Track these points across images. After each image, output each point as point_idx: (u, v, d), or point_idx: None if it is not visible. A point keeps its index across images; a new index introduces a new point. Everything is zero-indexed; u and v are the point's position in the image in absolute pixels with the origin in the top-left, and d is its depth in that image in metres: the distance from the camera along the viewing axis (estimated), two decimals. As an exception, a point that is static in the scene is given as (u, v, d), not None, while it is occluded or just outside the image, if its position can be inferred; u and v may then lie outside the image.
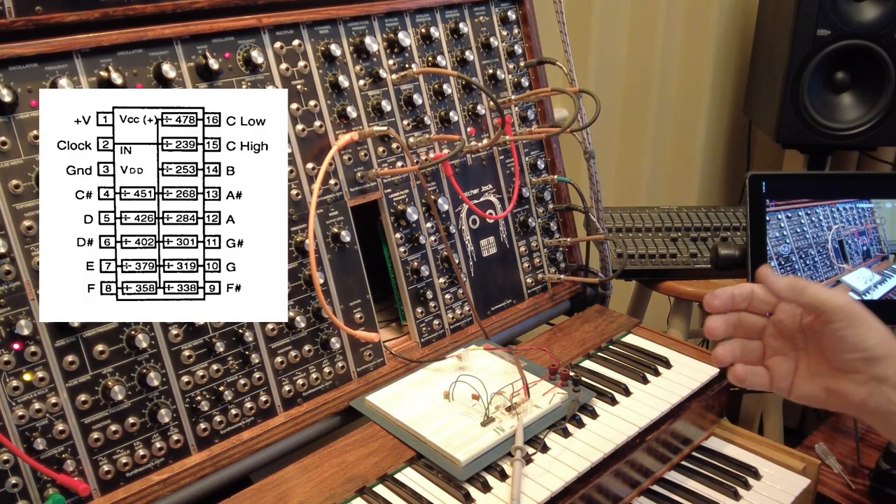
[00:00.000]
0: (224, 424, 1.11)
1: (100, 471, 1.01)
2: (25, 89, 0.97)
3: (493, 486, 1.05)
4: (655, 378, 1.31)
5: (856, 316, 0.85)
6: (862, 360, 0.84)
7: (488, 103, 1.45)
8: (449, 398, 1.20)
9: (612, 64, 2.39)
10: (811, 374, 0.90)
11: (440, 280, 1.38)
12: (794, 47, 2.12)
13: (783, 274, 1.58)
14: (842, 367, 0.87)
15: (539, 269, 1.55)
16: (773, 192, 1.57)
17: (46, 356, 0.97)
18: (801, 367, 0.91)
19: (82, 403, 0.99)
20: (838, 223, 1.60)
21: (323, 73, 1.23)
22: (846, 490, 1.57)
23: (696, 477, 1.27)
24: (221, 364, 1.11)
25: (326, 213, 1.23)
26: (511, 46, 1.50)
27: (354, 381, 1.26)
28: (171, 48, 1.09)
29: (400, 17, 1.34)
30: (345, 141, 1.22)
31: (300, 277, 1.19)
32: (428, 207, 1.36)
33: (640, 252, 1.92)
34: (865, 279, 1.60)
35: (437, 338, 1.38)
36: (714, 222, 2.01)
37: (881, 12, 2.09)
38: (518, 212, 1.51)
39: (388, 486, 1.07)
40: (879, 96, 2.15)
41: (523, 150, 1.53)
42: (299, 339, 1.19)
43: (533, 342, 1.40)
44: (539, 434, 1.14)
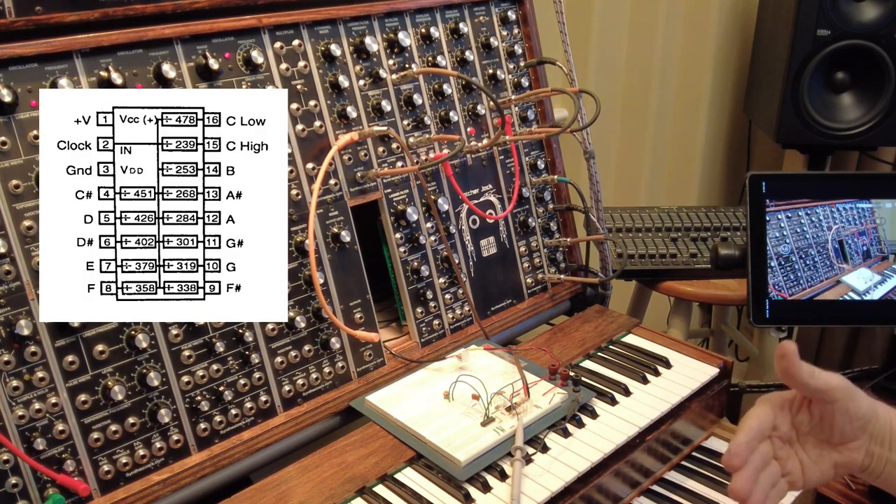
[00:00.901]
0: (224, 424, 1.11)
1: (100, 471, 1.01)
2: (25, 89, 0.97)
3: (493, 486, 1.05)
4: (655, 378, 1.31)
5: (851, 389, 0.92)
6: (860, 426, 0.93)
7: (488, 103, 1.45)
8: (449, 398, 1.20)
9: (612, 64, 2.39)
10: (815, 461, 0.95)
11: (440, 280, 1.38)
12: (794, 47, 2.12)
13: (783, 274, 1.58)
14: (843, 439, 0.94)
15: (539, 269, 1.55)
16: (773, 192, 1.57)
17: (46, 356, 0.97)
18: (804, 458, 0.95)
19: (82, 403, 0.99)
20: (838, 223, 1.60)
21: (323, 73, 1.23)
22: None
23: (696, 477, 1.27)
24: (221, 364, 1.11)
25: (326, 213, 1.23)
26: (511, 46, 1.50)
27: (354, 381, 1.26)
28: (171, 48, 1.09)
29: (400, 17, 1.34)
30: (345, 141, 1.22)
31: (300, 277, 1.19)
32: (428, 207, 1.36)
33: (640, 252, 1.92)
34: (865, 279, 1.60)
35: (437, 338, 1.38)
36: (714, 222, 2.01)
37: (881, 12, 2.08)
38: (518, 212, 1.51)
39: (388, 486, 1.07)
40: (879, 96, 2.15)
41: (523, 150, 1.53)
42: (299, 339, 1.19)
43: (533, 342, 1.40)
44: (539, 434, 1.14)
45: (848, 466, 0.95)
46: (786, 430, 0.95)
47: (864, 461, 0.94)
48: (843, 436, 0.93)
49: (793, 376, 0.90)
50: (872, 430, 0.94)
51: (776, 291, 1.58)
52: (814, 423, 0.95)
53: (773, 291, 1.58)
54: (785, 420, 0.95)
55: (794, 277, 1.58)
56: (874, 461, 0.94)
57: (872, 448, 0.94)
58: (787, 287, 1.58)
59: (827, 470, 0.95)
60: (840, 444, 0.94)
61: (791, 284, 1.58)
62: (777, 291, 1.58)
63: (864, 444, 0.94)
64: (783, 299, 1.58)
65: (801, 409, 0.95)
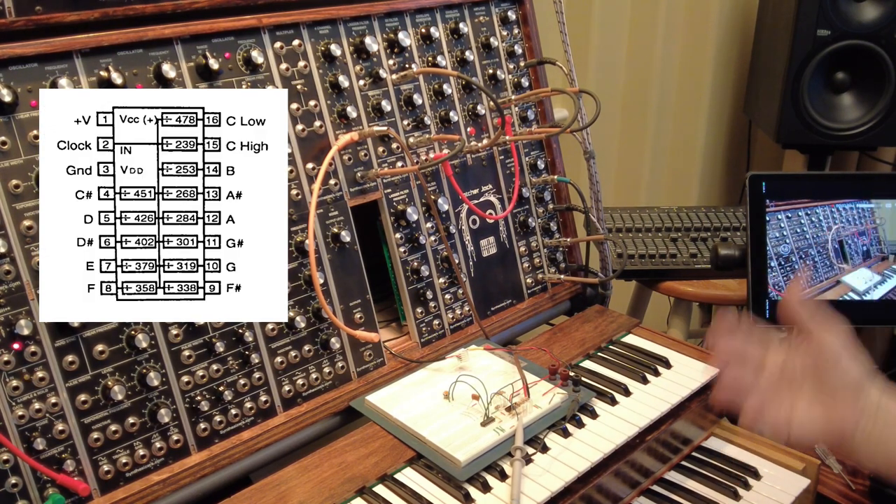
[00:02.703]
0: (224, 424, 1.11)
1: (100, 471, 1.01)
2: (25, 89, 0.97)
3: (493, 487, 1.05)
4: (655, 378, 1.30)
5: (844, 346, 0.96)
6: (851, 388, 0.95)
7: (488, 103, 1.45)
8: (449, 398, 1.20)
9: (612, 64, 2.39)
10: (808, 406, 0.97)
11: (440, 280, 1.38)
12: (794, 47, 2.12)
13: (783, 274, 1.58)
14: (835, 396, 0.96)
15: (539, 269, 1.55)
16: (773, 192, 1.57)
17: (46, 356, 0.97)
18: (797, 405, 0.97)
19: (82, 403, 0.99)
20: (838, 223, 1.60)
21: (323, 73, 1.23)
22: (846, 490, 1.57)
23: (695, 477, 1.27)
24: (221, 364, 1.11)
25: (326, 213, 1.23)
26: (511, 46, 1.50)
27: (354, 381, 1.26)
28: (171, 48, 1.09)
29: (400, 17, 1.34)
30: (345, 141, 1.22)
31: (300, 277, 1.19)
32: (428, 207, 1.36)
33: (640, 252, 1.92)
34: (865, 279, 1.60)
35: (437, 338, 1.38)
36: (714, 222, 2.01)
37: (881, 12, 2.09)
38: (518, 212, 1.51)
39: (387, 486, 1.07)
40: (879, 96, 2.16)
41: (523, 150, 1.53)
42: (299, 339, 1.19)
43: (533, 342, 1.40)
44: (539, 434, 1.14)
45: (839, 423, 0.95)
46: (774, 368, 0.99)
47: (854, 433, 0.94)
48: (834, 392, 0.95)
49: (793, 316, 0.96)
50: (864, 403, 0.95)
51: (776, 291, 1.58)
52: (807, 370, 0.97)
53: (773, 291, 1.58)
54: (777, 359, 1.00)
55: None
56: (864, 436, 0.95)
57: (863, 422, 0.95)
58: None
59: (817, 417, 0.96)
60: (831, 399, 0.96)
61: (791, 284, 1.58)
62: (777, 291, 1.58)
63: (856, 413, 0.95)
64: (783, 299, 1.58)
65: (794, 355, 0.98)
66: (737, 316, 1.01)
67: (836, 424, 0.95)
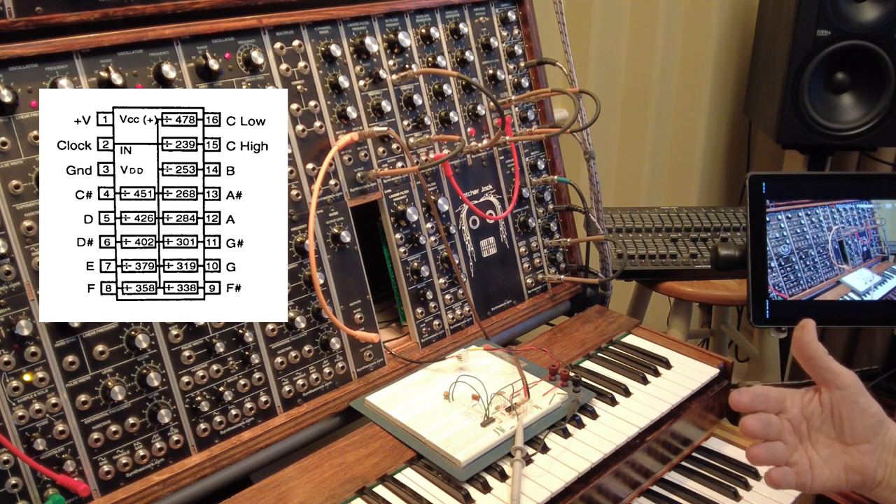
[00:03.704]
0: (224, 425, 1.11)
1: (100, 471, 1.01)
2: (26, 89, 0.97)
3: (493, 487, 1.05)
4: (655, 378, 1.30)
5: (861, 384, 0.93)
6: (872, 427, 0.92)
7: (488, 104, 1.45)
8: (449, 398, 1.20)
9: (612, 64, 2.39)
10: (826, 460, 0.95)
11: (440, 280, 1.38)
12: (794, 47, 2.12)
13: (783, 274, 1.58)
14: (855, 439, 0.93)
15: (539, 269, 1.55)
16: (774, 192, 1.57)
17: (46, 356, 0.97)
18: (813, 456, 0.95)
19: (82, 404, 0.99)
20: (838, 223, 1.60)
21: (323, 73, 1.23)
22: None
23: (695, 477, 1.27)
24: (221, 364, 1.11)
25: (326, 214, 1.23)
26: (511, 47, 1.50)
27: (354, 382, 1.26)
28: (172, 48, 1.09)
29: (400, 17, 1.34)
30: (345, 141, 1.22)
31: (300, 278, 1.19)
32: (428, 208, 1.36)
33: (640, 252, 1.92)
34: (865, 280, 1.60)
35: (437, 338, 1.38)
36: (714, 223, 2.01)
37: (881, 12, 2.08)
38: (518, 212, 1.51)
39: (388, 486, 1.07)
40: (879, 97, 2.15)
41: (523, 151, 1.53)
42: (299, 339, 1.19)
43: (533, 342, 1.40)
44: (539, 434, 1.14)
45: (860, 471, 0.93)
46: (795, 413, 0.94)
47: (877, 470, 0.93)
48: (854, 434, 0.93)
49: (808, 349, 0.90)
50: (884, 438, 0.93)
51: (776, 292, 1.58)
52: (825, 417, 0.94)
53: (773, 292, 1.58)
54: (795, 402, 0.95)
55: (795, 278, 1.58)
56: (887, 471, 0.93)
57: (885, 456, 0.93)
58: (788, 287, 1.58)
59: (837, 472, 0.94)
60: (852, 445, 0.93)
61: (791, 285, 1.58)
62: (777, 292, 1.58)
63: (877, 451, 0.93)
64: (783, 300, 1.58)
65: (812, 399, 0.95)
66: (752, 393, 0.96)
67: (856, 476, 0.94)
